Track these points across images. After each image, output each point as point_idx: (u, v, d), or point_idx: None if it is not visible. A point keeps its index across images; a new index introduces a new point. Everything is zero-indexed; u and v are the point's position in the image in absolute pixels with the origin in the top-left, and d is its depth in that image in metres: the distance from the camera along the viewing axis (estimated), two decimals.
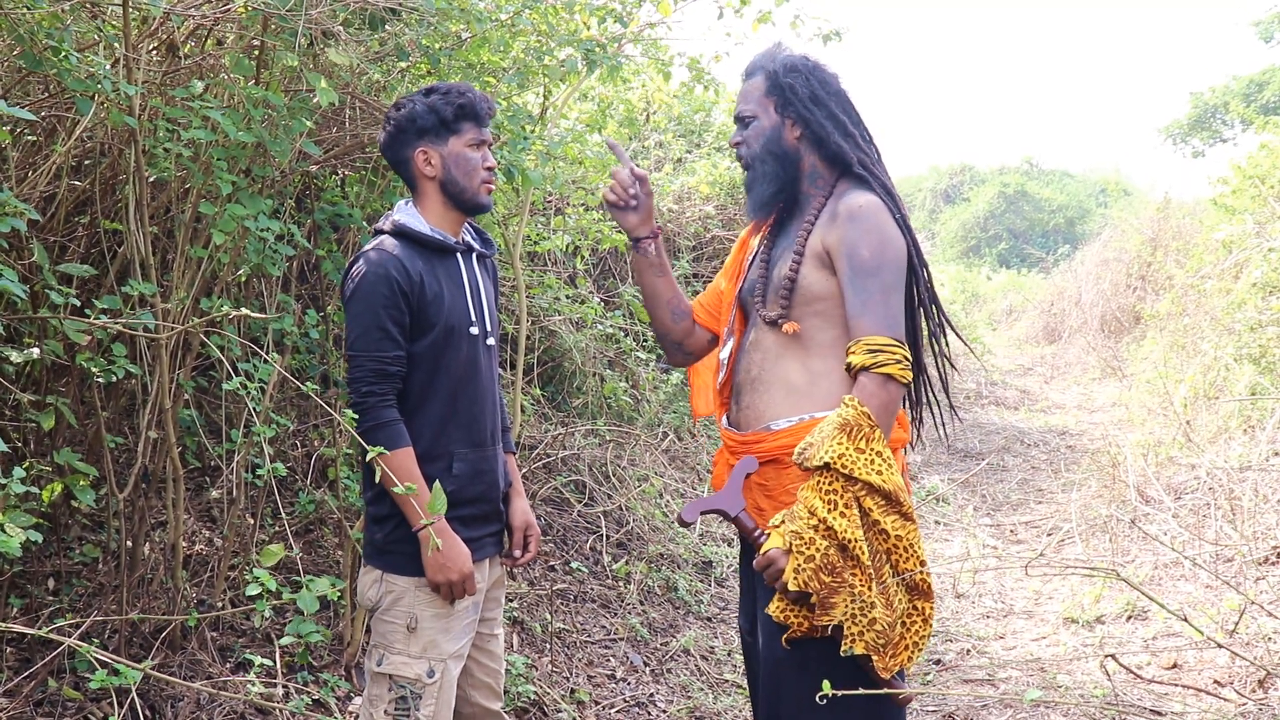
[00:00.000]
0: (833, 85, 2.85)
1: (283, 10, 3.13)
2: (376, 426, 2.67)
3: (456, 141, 2.79)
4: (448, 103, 2.77)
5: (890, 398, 2.60)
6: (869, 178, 2.78)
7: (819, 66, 2.86)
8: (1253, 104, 25.40)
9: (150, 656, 3.36)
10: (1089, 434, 10.70)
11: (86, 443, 3.54)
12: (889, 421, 2.61)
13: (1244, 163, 9.23)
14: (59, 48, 2.76)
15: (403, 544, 2.73)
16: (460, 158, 2.80)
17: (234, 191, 3.21)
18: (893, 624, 2.56)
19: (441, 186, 2.82)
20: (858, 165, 2.79)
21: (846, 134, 2.81)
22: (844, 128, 2.81)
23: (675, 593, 5.49)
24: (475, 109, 2.79)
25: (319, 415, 4.49)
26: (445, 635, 2.76)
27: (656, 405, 7.44)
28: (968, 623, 5.59)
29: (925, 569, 2.62)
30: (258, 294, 3.99)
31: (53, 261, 3.20)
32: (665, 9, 4.66)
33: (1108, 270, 16.70)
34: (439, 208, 2.84)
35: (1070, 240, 32.74)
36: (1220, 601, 5.16)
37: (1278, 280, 7.41)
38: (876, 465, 2.54)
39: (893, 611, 2.56)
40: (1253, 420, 7.10)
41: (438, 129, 2.78)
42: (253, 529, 3.96)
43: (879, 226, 2.69)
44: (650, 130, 9.60)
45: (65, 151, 3.17)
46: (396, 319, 2.71)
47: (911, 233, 2.78)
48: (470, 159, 2.81)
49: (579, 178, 6.12)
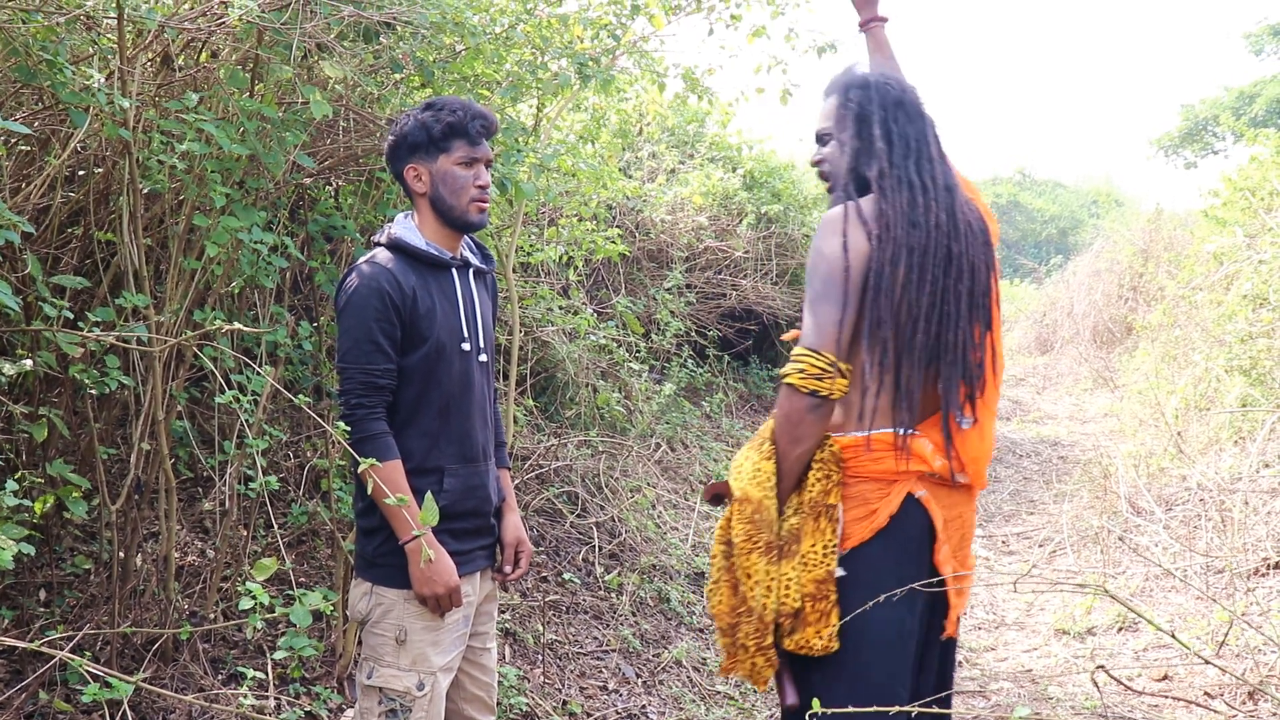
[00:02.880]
0: (892, 98, 2.77)
1: (277, 23, 3.14)
2: (365, 439, 2.67)
3: (445, 159, 2.78)
4: (437, 120, 2.76)
5: (791, 406, 2.56)
6: (876, 188, 2.67)
7: (884, 84, 2.79)
8: (1243, 116, 25.51)
9: (142, 669, 3.36)
10: (1081, 445, 10.73)
11: (79, 454, 3.53)
12: (788, 430, 2.59)
13: (1234, 175, 9.27)
14: (54, 60, 2.77)
15: (392, 556, 2.73)
16: (448, 175, 2.79)
17: (228, 203, 3.21)
18: (729, 627, 2.72)
19: (431, 203, 2.82)
20: (875, 178, 2.68)
21: (887, 145, 2.71)
22: (888, 139, 2.72)
23: (668, 604, 5.49)
24: (465, 127, 2.77)
25: (312, 426, 4.49)
26: (435, 648, 2.76)
27: (649, 416, 7.45)
28: (960, 633, 5.59)
29: (753, 592, 2.67)
30: (251, 305, 4.00)
31: (46, 273, 3.21)
32: (658, 23, 4.68)
33: (1100, 281, 16.74)
34: (433, 223, 2.84)
35: (1063, 250, 32.80)
36: (1211, 613, 5.17)
37: (1267, 292, 7.43)
38: (744, 471, 2.68)
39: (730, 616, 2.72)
40: (1243, 432, 7.12)
41: (427, 146, 2.78)
42: (245, 540, 3.96)
43: (817, 240, 2.64)
44: (644, 141, 9.62)
45: (60, 163, 3.17)
46: (387, 332, 2.71)
47: (890, 243, 2.59)
48: (458, 177, 2.79)
49: (572, 188, 6.13)
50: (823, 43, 5.16)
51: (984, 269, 2.71)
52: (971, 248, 2.68)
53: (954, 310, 2.64)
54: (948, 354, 2.64)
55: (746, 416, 9.78)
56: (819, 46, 5.16)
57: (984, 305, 2.71)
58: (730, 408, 9.60)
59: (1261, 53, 28.88)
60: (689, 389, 9.12)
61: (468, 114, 2.77)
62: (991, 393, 2.74)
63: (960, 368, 2.66)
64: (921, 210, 2.64)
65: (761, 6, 4.91)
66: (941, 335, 2.63)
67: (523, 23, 4.06)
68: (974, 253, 2.69)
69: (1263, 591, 5.44)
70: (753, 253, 9.83)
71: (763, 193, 10.01)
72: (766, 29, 4.98)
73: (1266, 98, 26.98)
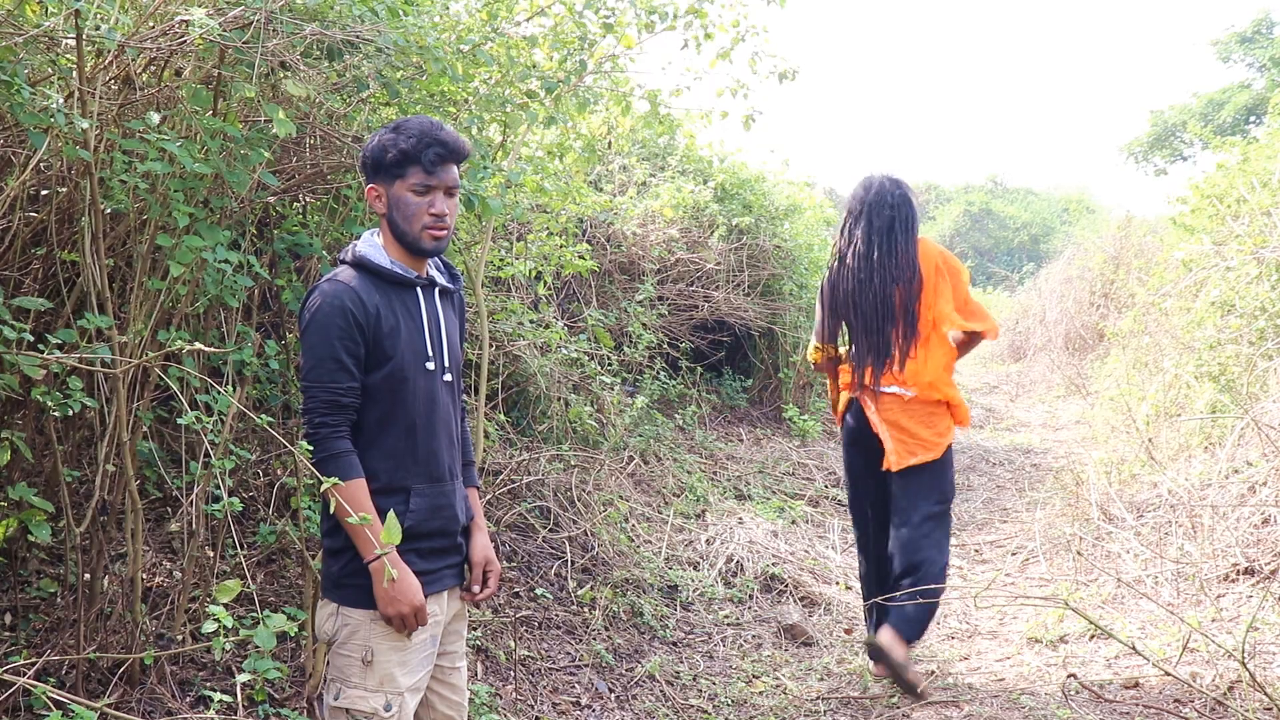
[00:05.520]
0: (867, 202, 5.03)
1: (239, 42, 3.13)
2: (329, 457, 2.66)
3: (400, 184, 2.75)
4: (394, 144, 2.73)
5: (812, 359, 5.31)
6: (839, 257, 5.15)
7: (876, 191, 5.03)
8: (1211, 123, 25.74)
9: (108, 693, 3.33)
10: (1053, 452, 10.78)
11: (44, 476, 3.51)
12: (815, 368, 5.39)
13: (1202, 183, 9.33)
14: (11, 81, 2.75)
15: (357, 577, 2.72)
16: (401, 201, 2.76)
17: (191, 223, 3.20)
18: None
19: (389, 224, 2.82)
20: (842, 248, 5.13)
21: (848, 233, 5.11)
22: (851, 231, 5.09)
23: (641, 618, 5.48)
24: (418, 155, 2.72)
25: (281, 445, 4.47)
26: (402, 668, 2.75)
27: (622, 429, 7.45)
28: (932, 644, 5.61)
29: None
30: (217, 324, 3.98)
31: (8, 295, 3.18)
32: (628, 41, 4.69)
33: (1071, 288, 16.87)
34: (395, 242, 2.83)
35: (1035, 258, 33.03)
36: (1181, 620, 5.20)
37: (1235, 299, 7.49)
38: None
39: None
40: (1213, 438, 7.17)
41: (389, 168, 2.75)
42: (213, 561, 3.94)
43: None
44: (614, 155, 9.63)
45: (19, 185, 3.15)
46: (351, 350, 2.70)
47: (832, 282, 5.09)
48: (410, 203, 2.76)
49: (543, 202, 6.13)
50: (784, 69, 5.20)
51: (903, 291, 4.96)
52: (889, 282, 4.95)
53: (877, 313, 4.98)
54: (868, 337, 5.01)
55: (720, 428, 9.79)
56: (780, 72, 5.21)
57: (892, 312, 4.96)
58: (704, 419, 9.60)
59: (1229, 60, 29.18)
60: (662, 401, 9.12)
61: (424, 140, 2.73)
62: (919, 353, 4.95)
63: (873, 343, 5.00)
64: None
65: (725, 31, 4.95)
66: (865, 328, 5.01)
67: (490, 42, 4.05)
68: (892, 285, 4.96)
69: (1232, 598, 5.47)
70: (724, 264, 9.85)
71: (734, 205, 10.04)
72: (730, 54, 5.01)
73: (1234, 105, 27.28)
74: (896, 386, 4.94)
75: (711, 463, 8.57)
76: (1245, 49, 28.55)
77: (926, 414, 4.94)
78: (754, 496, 8.06)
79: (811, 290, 10.67)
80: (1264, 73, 27.98)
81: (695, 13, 4.77)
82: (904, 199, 4.97)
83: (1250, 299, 7.26)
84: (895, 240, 4.91)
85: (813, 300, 10.30)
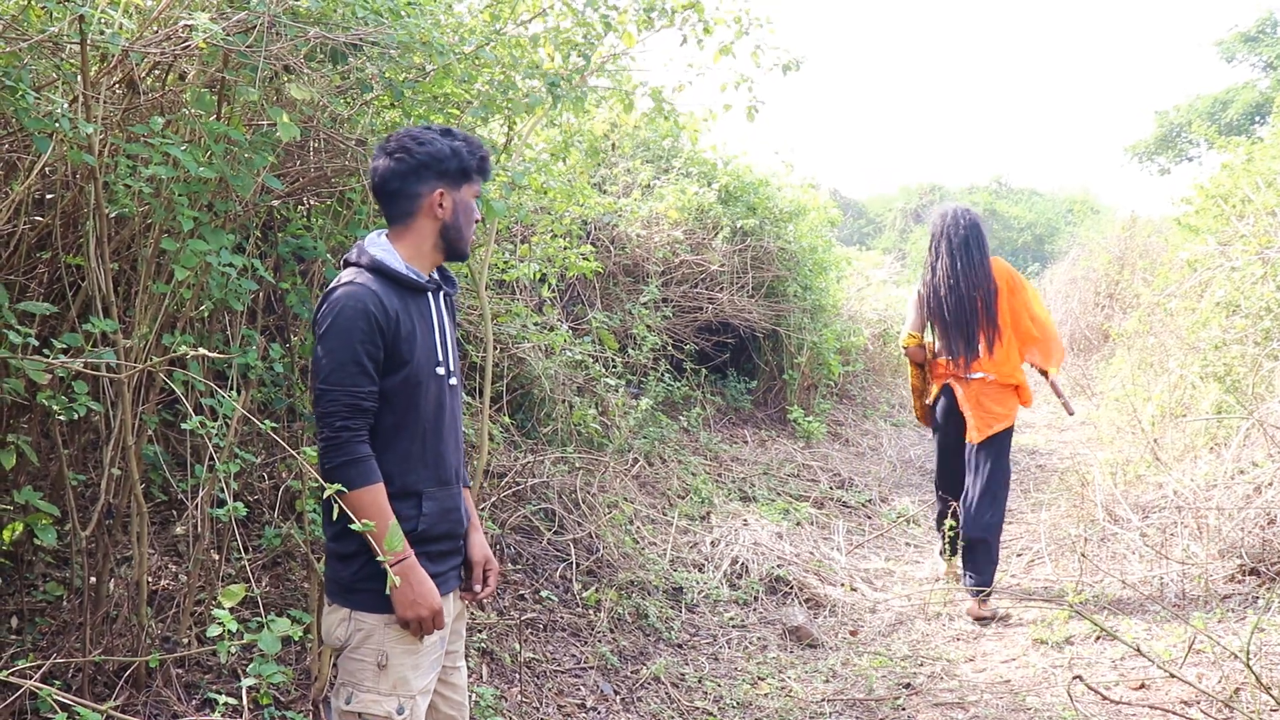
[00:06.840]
0: (949, 223, 6.29)
1: (243, 46, 3.14)
2: (350, 461, 2.63)
3: (468, 190, 2.84)
4: (473, 153, 2.82)
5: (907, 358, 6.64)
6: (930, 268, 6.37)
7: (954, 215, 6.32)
8: (1216, 122, 25.70)
9: (114, 696, 3.34)
10: (1059, 453, 10.77)
11: (49, 480, 3.51)
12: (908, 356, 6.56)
13: (1206, 183, 9.31)
14: (16, 86, 2.76)
15: (371, 581, 2.70)
16: (467, 207, 2.85)
17: (196, 227, 3.20)
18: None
19: (443, 229, 2.83)
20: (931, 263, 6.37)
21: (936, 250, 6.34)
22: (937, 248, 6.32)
23: (646, 620, 5.48)
24: (487, 165, 2.88)
25: (286, 448, 4.47)
26: (415, 672, 2.75)
27: (626, 431, 7.45)
28: (938, 645, 5.61)
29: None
30: (222, 328, 3.98)
31: (13, 299, 3.19)
32: (629, 39, 4.68)
33: (1076, 289, 16.83)
34: (424, 247, 2.83)
35: (1040, 258, 32.99)
36: (1187, 622, 5.19)
37: (1240, 299, 7.47)
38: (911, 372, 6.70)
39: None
40: (1218, 438, 7.16)
41: (458, 175, 2.81)
42: (218, 564, 3.94)
43: None
44: (618, 156, 9.63)
45: (25, 189, 3.15)
46: (372, 354, 2.68)
47: (927, 290, 6.32)
48: (473, 209, 2.87)
49: (546, 204, 6.13)
50: (787, 60, 5.18)
51: (983, 297, 6.18)
52: (972, 289, 6.16)
53: (964, 314, 6.19)
54: (960, 333, 6.19)
55: (725, 430, 9.78)
56: (784, 64, 5.19)
57: (976, 314, 6.20)
58: (708, 421, 9.60)
59: (1233, 60, 29.15)
60: (666, 403, 9.12)
61: (482, 150, 2.88)
62: (1000, 346, 6.19)
63: (963, 338, 6.19)
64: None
65: (727, 26, 4.91)
66: (956, 326, 6.19)
67: (492, 42, 4.05)
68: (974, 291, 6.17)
69: (1237, 599, 5.46)
70: (729, 266, 9.84)
71: (738, 206, 10.03)
72: (732, 47, 4.98)
73: (1239, 104, 27.24)
74: (981, 373, 6.20)
75: (716, 465, 8.57)
76: (1250, 48, 28.53)
77: (1001, 394, 6.24)
78: (759, 498, 8.05)
79: (815, 291, 10.77)
80: (1269, 72, 27.97)
81: (691, 6, 4.74)
82: (973, 223, 6.23)
83: (1255, 299, 7.24)
84: (971, 255, 6.17)
85: (818, 301, 10.97)
